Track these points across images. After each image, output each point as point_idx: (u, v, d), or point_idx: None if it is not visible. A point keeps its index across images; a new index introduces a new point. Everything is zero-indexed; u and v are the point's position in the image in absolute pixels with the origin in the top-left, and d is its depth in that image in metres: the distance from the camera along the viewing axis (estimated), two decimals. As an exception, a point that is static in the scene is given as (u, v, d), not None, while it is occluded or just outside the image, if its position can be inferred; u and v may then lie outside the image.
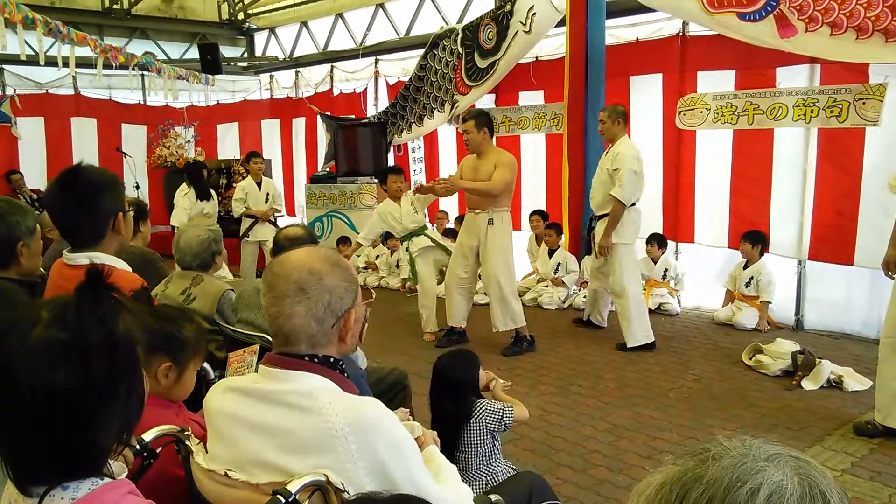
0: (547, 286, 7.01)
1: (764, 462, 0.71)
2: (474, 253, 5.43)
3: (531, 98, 7.71)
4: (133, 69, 8.88)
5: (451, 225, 8.34)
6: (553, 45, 7.24)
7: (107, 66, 8.28)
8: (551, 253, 7.05)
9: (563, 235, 6.99)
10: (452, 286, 5.57)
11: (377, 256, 8.34)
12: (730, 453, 0.74)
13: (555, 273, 6.98)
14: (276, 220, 7.72)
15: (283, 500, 1.29)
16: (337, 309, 1.49)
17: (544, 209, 7.52)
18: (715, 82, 6.12)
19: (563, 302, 6.84)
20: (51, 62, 7.79)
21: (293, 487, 1.30)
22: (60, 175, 2.20)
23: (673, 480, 0.74)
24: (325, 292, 1.47)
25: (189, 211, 7.40)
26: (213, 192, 7.93)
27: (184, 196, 7.46)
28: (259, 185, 7.54)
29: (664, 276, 6.52)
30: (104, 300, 1.07)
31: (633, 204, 5.32)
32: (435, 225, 8.63)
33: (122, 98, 10.78)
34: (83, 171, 2.19)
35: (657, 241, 6.49)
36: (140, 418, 1.15)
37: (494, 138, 5.79)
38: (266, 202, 7.51)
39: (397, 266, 8.07)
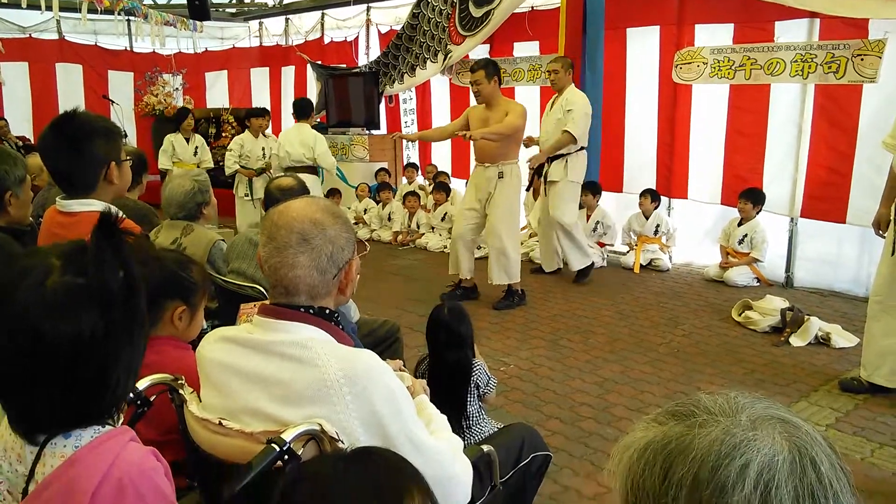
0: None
1: (752, 431, 0.69)
2: (482, 206, 5.36)
3: (526, 49, 7.59)
4: (119, 14, 8.67)
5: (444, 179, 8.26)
6: (549, -6, 7.10)
7: (91, 10, 8.08)
8: None
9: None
10: (458, 238, 5.52)
11: (365, 210, 8.28)
12: (717, 420, 0.71)
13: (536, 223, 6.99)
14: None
15: (278, 449, 1.29)
16: (339, 260, 1.48)
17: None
18: (713, 36, 6.03)
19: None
20: (33, 5, 7.60)
21: (288, 436, 1.30)
22: (56, 118, 2.16)
23: (657, 447, 0.72)
24: (327, 243, 1.45)
25: (174, 155, 7.60)
26: (202, 139, 7.91)
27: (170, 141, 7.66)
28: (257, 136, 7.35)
29: (656, 232, 6.52)
30: (123, 244, 1.05)
31: (583, 148, 5.72)
32: (425, 177, 8.58)
33: (108, 44, 10.55)
34: (78, 116, 2.15)
35: (651, 196, 6.47)
36: (141, 365, 1.14)
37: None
38: (264, 157, 7.26)
39: (389, 219, 8.04)
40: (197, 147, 7.87)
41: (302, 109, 6.84)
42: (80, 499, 0.98)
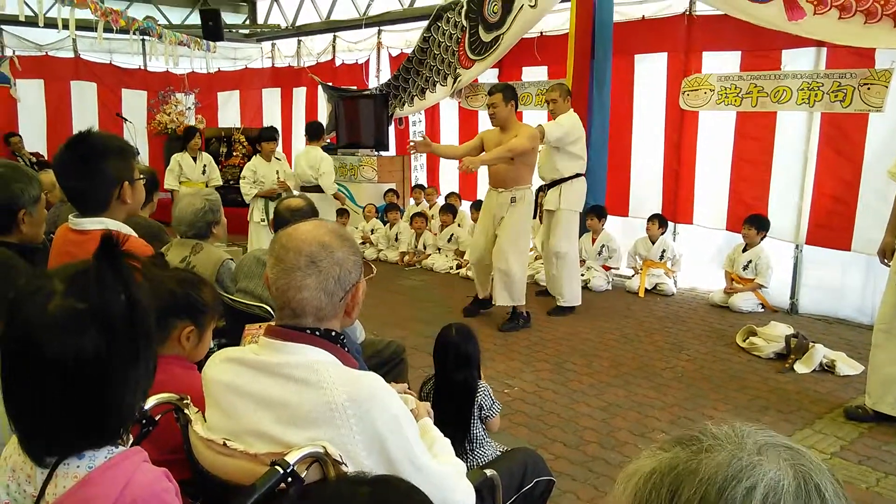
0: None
1: (757, 456, 0.70)
2: (494, 230, 5.41)
3: (534, 74, 7.66)
4: (134, 33, 8.79)
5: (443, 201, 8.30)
6: (558, 20, 7.15)
7: (107, 29, 8.19)
8: None
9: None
10: (476, 264, 5.66)
11: (372, 230, 8.33)
12: (722, 446, 0.72)
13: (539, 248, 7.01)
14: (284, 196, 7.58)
15: (282, 471, 1.30)
16: (346, 282, 1.49)
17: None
18: (720, 63, 6.08)
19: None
20: (50, 24, 7.71)
21: (292, 459, 1.31)
22: (71, 138, 2.20)
23: (664, 471, 0.73)
24: (335, 265, 1.47)
25: (181, 174, 7.62)
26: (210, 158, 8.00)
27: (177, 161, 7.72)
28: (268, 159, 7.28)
29: (661, 257, 6.53)
30: (123, 267, 1.06)
31: (579, 175, 5.65)
32: (426, 200, 8.60)
33: (122, 63, 10.67)
34: (92, 136, 2.19)
35: (658, 221, 6.49)
36: (151, 385, 1.16)
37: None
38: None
39: (396, 239, 8.07)
40: (205, 165, 7.91)
41: (314, 132, 7.09)
42: None
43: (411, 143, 5.81)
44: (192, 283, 1.99)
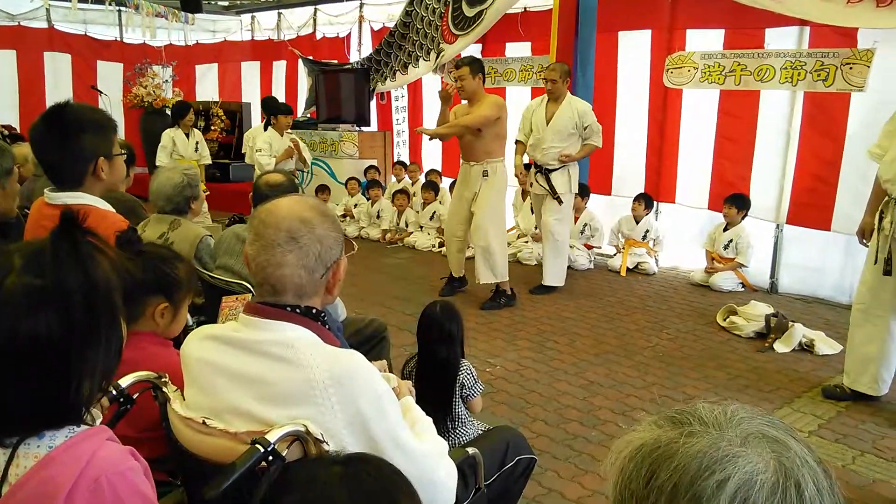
0: (527, 242, 7.01)
1: (739, 447, 0.69)
2: (469, 203, 5.39)
3: (518, 49, 7.59)
4: (109, 4, 8.61)
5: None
6: (542, -5, 7.10)
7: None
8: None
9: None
10: (450, 237, 5.64)
11: (355, 205, 8.26)
12: (707, 431, 0.71)
13: (535, 229, 6.98)
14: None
15: (262, 450, 1.28)
16: (327, 259, 1.47)
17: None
18: (704, 41, 6.06)
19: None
20: (23, -7, 7.53)
21: (272, 437, 1.30)
22: (47, 110, 2.14)
23: (647, 450, 0.73)
24: (316, 242, 1.45)
25: (174, 151, 7.37)
26: (200, 135, 7.78)
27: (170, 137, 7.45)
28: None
29: (644, 237, 6.54)
30: (81, 244, 1.03)
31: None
32: (408, 176, 8.54)
33: (97, 34, 10.45)
34: (70, 108, 2.12)
35: (645, 201, 6.48)
36: (118, 365, 1.13)
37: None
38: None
39: (378, 216, 8.01)
40: (197, 143, 7.64)
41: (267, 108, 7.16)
42: (55, 499, 0.97)
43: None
44: (165, 259, 1.94)
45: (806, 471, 0.69)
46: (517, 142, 5.82)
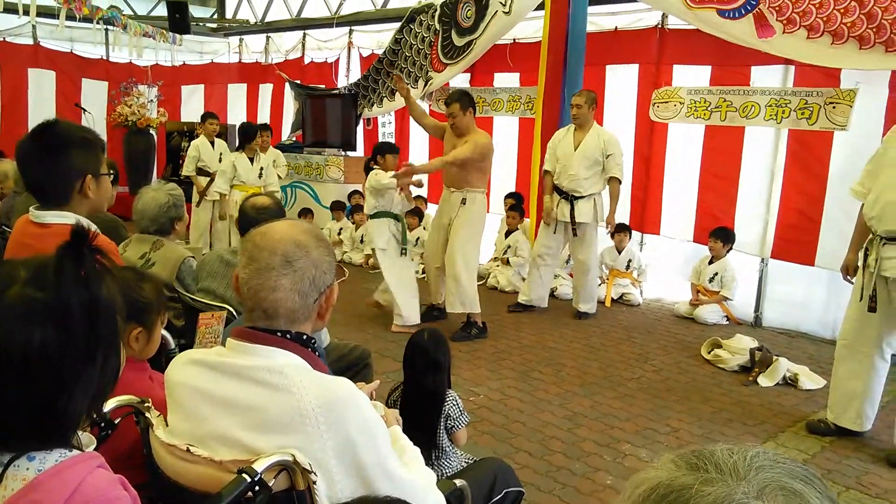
0: (498, 265, 7.05)
1: (755, 499, 0.65)
2: (446, 230, 5.40)
3: (506, 80, 7.66)
4: (97, 23, 8.57)
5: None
6: (531, 27, 7.16)
7: (70, 17, 7.97)
8: (508, 234, 7.10)
9: (525, 218, 7.02)
10: (430, 264, 5.63)
11: (339, 231, 8.22)
12: (722, 479, 0.68)
13: (503, 253, 7.00)
14: None
15: (249, 479, 1.24)
16: (320, 284, 1.45)
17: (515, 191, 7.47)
18: (690, 77, 6.14)
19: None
20: (10, 9, 7.48)
21: (259, 466, 1.26)
22: (36, 127, 2.11)
23: (661, 493, 0.69)
24: (311, 266, 1.42)
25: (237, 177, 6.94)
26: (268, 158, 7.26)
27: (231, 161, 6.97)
28: (212, 144, 7.57)
29: (627, 267, 6.56)
30: (88, 262, 1.01)
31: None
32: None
33: (83, 52, 10.40)
34: (59, 125, 2.11)
35: (626, 231, 6.52)
36: (113, 389, 1.09)
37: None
38: (219, 161, 7.38)
39: (361, 241, 7.97)
40: (262, 168, 7.01)
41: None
42: None
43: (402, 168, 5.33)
44: (130, 284, 1.89)
45: None
46: (546, 172, 5.91)
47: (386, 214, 5.35)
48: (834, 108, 5.15)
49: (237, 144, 7.25)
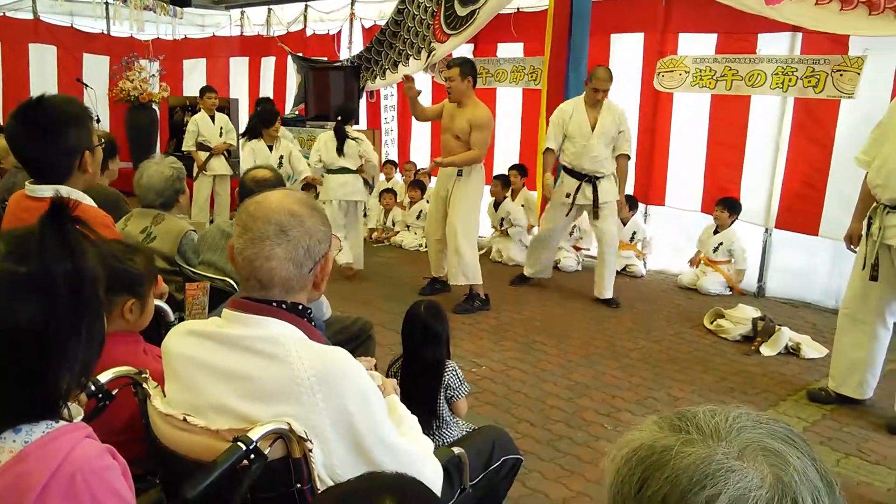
0: (497, 237, 7.06)
1: (735, 460, 0.66)
2: (445, 202, 5.38)
3: (510, 50, 7.56)
4: (97, -4, 8.49)
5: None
6: (535, -4, 7.08)
7: (69, -10, 7.90)
8: (497, 205, 7.05)
9: (510, 188, 7.06)
10: (430, 236, 5.62)
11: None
12: (703, 441, 0.69)
13: (500, 225, 6.98)
14: (229, 154, 7.58)
15: (244, 448, 1.26)
16: (315, 253, 1.45)
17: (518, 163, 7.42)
18: (696, 45, 6.06)
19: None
20: (9, -17, 7.42)
21: (255, 435, 1.27)
22: (22, 106, 2.06)
23: (643, 454, 0.71)
24: (305, 235, 1.42)
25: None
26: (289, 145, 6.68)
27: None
28: (212, 118, 7.52)
29: (632, 239, 6.54)
30: (69, 232, 1.00)
31: None
32: (403, 176, 8.51)
33: (84, 26, 10.32)
34: (47, 102, 2.05)
35: (629, 202, 6.47)
36: (98, 360, 1.09)
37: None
38: (220, 136, 7.42)
39: (364, 214, 7.96)
40: (281, 157, 6.37)
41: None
42: (28, 495, 0.93)
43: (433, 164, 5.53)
44: (118, 256, 1.89)
45: (805, 487, 0.66)
46: (548, 150, 5.57)
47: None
48: (841, 75, 5.08)
49: (248, 127, 6.58)
